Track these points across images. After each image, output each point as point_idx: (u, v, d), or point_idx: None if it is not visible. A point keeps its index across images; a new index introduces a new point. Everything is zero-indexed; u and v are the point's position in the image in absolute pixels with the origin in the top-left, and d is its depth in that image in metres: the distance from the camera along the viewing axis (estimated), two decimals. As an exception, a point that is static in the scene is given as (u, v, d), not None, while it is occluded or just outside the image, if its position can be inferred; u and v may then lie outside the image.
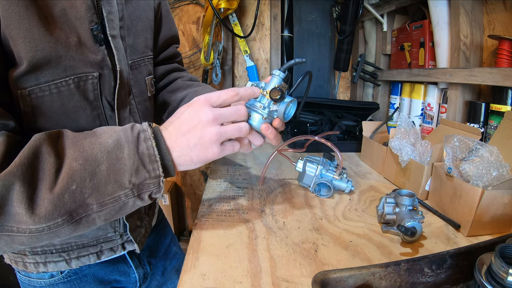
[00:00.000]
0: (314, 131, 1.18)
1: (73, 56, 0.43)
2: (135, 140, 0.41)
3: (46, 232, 0.37)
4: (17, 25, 0.37)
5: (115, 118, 0.50)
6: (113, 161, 0.40)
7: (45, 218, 0.36)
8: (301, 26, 1.39)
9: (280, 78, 0.53)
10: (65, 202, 0.37)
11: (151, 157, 0.41)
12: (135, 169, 0.40)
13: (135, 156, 0.41)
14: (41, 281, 0.55)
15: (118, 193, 0.40)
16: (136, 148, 0.41)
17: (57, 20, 0.41)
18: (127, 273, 0.62)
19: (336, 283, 0.36)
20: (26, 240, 0.37)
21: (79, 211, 0.38)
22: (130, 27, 0.54)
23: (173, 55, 0.76)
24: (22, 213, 0.35)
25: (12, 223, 0.35)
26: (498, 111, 0.77)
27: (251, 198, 0.72)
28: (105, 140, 0.41)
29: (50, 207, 0.36)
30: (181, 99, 0.69)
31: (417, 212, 0.57)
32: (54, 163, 0.37)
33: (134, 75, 0.56)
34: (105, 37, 0.46)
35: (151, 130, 0.43)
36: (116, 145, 0.40)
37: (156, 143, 0.43)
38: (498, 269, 0.32)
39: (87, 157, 0.39)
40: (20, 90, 0.40)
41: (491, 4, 0.85)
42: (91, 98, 0.46)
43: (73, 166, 0.38)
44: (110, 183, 0.39)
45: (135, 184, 0.41)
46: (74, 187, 0.37)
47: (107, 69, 0.47)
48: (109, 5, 0.46)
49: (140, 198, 0.42)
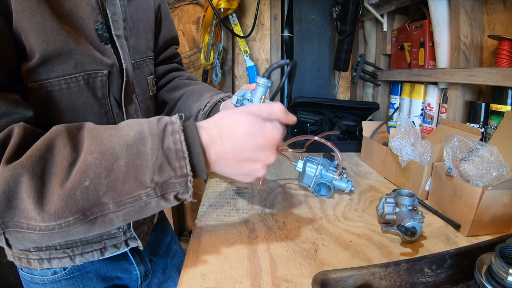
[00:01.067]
0: (314, 131, 1.18)
1: (83, 51, 0.43)
2: (160, 133, 0.37)
3: (57, 230, 0.34)
4: (30, 19, 0.38)
5: (122, 116, 0.51)
6: (133, 156, 0.35)
7: (55, 216, 0.33)
8: (301, 26, 1.39)
9: (266, 86, 0.50)
10: (76, 199, 0.33)
11: (178, 152, 0.36)
12: (158, 166, 0.36)
13: (159, 150, 0.36)
14: (44, 278, 0.55)
15: (138, 192, 0.35)
16: (161, 142, 0.36)
17: (65, 18, 0.42)
18: (128, 270, 0.63)
19: (336, 283, 0.36)
20: (37, 238, 0.34)
21: (93, 209, 0.35)
22: (132, 28, 0.55)
23: (173, 55, 0.77)
24: (31, 208, 0.32)
25: (22, 219, 0.33)
26: (498, 111, 0.77)
27: (251, 198, 0.72)
28: (126, 132, 0.37)
29: (60, 204, 0.33)
30: (179, 97, 0.69)
31: (417, 212, 0.57)
32: (68, 156, 0.34)
33: (137, 74, 0.58)
34: (110, 37, 0.47)
35: (180, 122, 0.38)
36: (138, 138, 0.36)
37: (185, 138, 0.38)
38: (498, 269, 0.32)
39: (104, 150, 0.35)
40: (30, 84, 0.41)
41: (491, 4, 0.85)
42: (99, 95, 0.47)
43: (87, 160, 0.34)
44: (129, 180, 0.35)
45: (158, 182, 0.36)
46: (87, 183, 0.33)
47: (114, 68, 0.48)
48: (113, 7, 0.47)
49: (164, 198, 0.37)
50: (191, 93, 0.70)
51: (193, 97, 0.68)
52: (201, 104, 0.66)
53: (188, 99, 0.69)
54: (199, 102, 0.67)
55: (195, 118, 0.65)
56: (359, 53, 1.42)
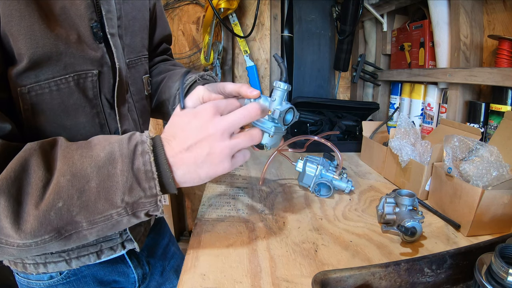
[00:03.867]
0: (314, 131, 1.18)
1: (73, 53, 0.43)
2: (130, 154, 0.38)
3: (34, 247, 0.35)
4: (18, 22, 0.37)
5: (114, 116, 0.50)
6: (104, 177, 0.36)
7: (31, 235, 0.34)
8: (301, 26, 1.39)
9: (284, 90, 0.50)
10: (51, 219, 0.34)
11: (148, 173, 0.37)
12: (128, 187, 0.37)
13: (129, 172, 0.37)
14: (40, 282, 0.54)
15: (109, 211, 0.37)
16: (131, 163, 0.37)
17: (57, 17, 0.41)
18: (126, 274, 0.62)
19: (336, 283, 0.36)
20: (16, 252, 0.36)
21: (67, 227, 0.36)
22: (128, 27, 0.54)
23: (164, 50, 0.77)
24: (8, 227, 0.33)
25: (1, 235, 0.34)
26: (498, 111, 0.77)
27: (251, 198, 0.72)
28: (97, 153, 0.37)
29: (35, 224, 0.34)
30: (161, 81, 0.68)
31: (417, 212, 0.57)
32: (42, 177, 0.35)
33: (132, 73, 0.57)
34: (104, 35, 0.46)
35: (150, 141, 0.39)
36: (108, 159, 0.37)
37: (155, 157, 0.38)
38: (498, 269, 0.32)
39: (76, 172, 0.36)
40: (19, 88, 0.40)
41: (491, 4, 0.85)
42: (90, 95, 0.46)
43: (60, 181, 0.35)
44: (100, 201, 0.36)
45: (129, 203, 0.37)
46: (60, 204, 0.35)
47: (106, 67, 0.47)
48: (108, 4, 0.46)
49: (135, 216, 0.39)
50: (172, 75, 0.68)
51: (173, 78, 0.67)
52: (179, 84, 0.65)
53: (168, 81, 0.67)
54: (178, 82, 0.65)
55: (174, 98, 0.64)
56: (359, 53, 1.42)
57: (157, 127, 1.58)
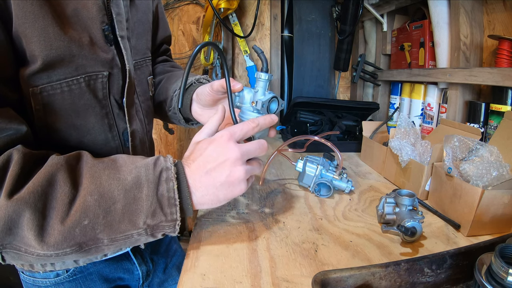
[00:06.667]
0: (314, 131, 1.18)
1: (85, 55, 0.43)
2: (156, 180, 0.40)
3: (53, 257, 0.37)
4: (32, 24, 0.38)
5: (122, 116, 0.51)
6: (130, 200, 0.39)
7: (54, 247, 0.36)
8: (301, 26, 1.39)
9: (266, 80, 0.52)
10: (75, 235, 0.37)
11: (170, 200, 0.40)
12: (151, 212, 0.39)
13: (154, 198, 0.40)
14: (46, 280, 0.55)
15: (131, 231, 0.39)
16: (156, 189, 0.40)
17: (69, 19, 0.42)
18: (131, 271, 0.63)
19: (336, 283, 0.36)
20: (33, 260, 0.37)
21: (89, 243, 0.38)
22: (133, 29, 0.55)
23: (164, 50, 0.79)
24: (31, 238, 0.35)
25: (21, 244, 0.35)
26: (498, 111, 0.77)
27: (251, 198, 0.72)
28: (124, 176, 0.40)
29: (59, 238, 0.36)
30: (158, 82, 0.70)
31: (417, 212, 0.57)
32: (68, 193, 0.37)
33: (137, 75, 0.58)
34: (114, 37, 0.47)
35: (174, 169, 0.42)
36: (135, 184, 0.39)
37: (178, 184, 0.41)
38: (498, 269, 0.32)
39: (103, 193, 0.38)
40: (32, 88, 0.40)
41: (491, 4, 0.85)
42: (100, 96, 0.47)
43: (87, 200, 0.37)
44: (124, 222, 0.39)
45: (150, 225, 0.40)
46: (86, 222, 0.37)
47: (116, 69, 0.48)
48: (117, 7, 0.47)
49: (153, 236, 0.42)
50: (170, 77, 0.70)
51: (171, 80, 0.69)
52: (176, 86, 0.67)
53: (166, 82, 0.69)
54: (175, 84, 0.67)
55: (170, 99, 0.66)
56: (359, 53, 1.42)
57: (157, 127, 1.58)
